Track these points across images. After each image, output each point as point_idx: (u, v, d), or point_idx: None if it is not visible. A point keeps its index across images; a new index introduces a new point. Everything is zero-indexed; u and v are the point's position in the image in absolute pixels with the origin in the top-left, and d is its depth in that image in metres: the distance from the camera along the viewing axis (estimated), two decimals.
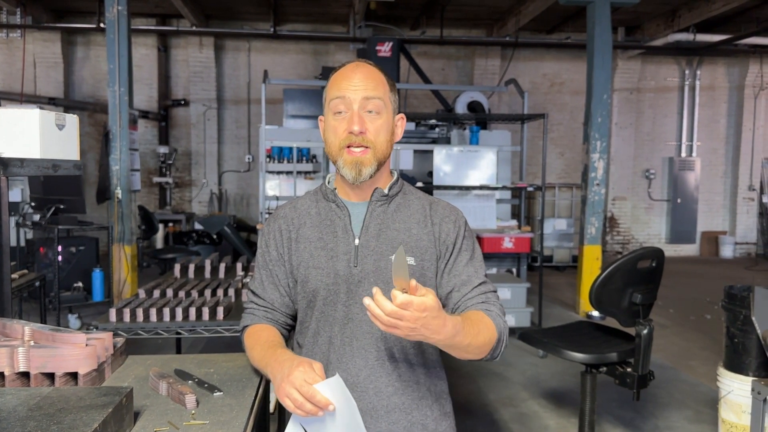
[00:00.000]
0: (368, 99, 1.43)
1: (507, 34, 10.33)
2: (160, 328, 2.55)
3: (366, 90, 1.43)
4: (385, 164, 1.51)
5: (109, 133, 6.32)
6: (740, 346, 3.04)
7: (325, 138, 1.50)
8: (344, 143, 1.44)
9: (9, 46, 10.18)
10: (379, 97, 1.45)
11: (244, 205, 11.04)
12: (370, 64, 1.50)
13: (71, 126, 1.77)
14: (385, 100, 1.46)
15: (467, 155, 6.63)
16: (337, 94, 1.44)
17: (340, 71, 1.49)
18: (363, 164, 1.43)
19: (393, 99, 1.50)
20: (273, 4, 9.46)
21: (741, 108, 11.81)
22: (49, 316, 5.25)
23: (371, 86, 1.44)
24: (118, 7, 6.25)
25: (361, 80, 1.44)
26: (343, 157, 1.44)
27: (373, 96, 1.44)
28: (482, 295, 1.45)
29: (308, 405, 1.21)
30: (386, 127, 1.47)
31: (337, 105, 1.44)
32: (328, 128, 1.47)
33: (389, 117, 1.48)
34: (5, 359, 1.41)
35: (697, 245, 11.99)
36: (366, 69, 1.47)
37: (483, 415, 4.00)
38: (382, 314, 1.09)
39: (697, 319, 6.72)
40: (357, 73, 1.45)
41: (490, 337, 1.35)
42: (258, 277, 1.59)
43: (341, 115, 1.44)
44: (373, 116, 1.44)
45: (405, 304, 1.08)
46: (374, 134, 1.44)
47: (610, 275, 2.81)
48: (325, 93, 1.50)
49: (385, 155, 1.48)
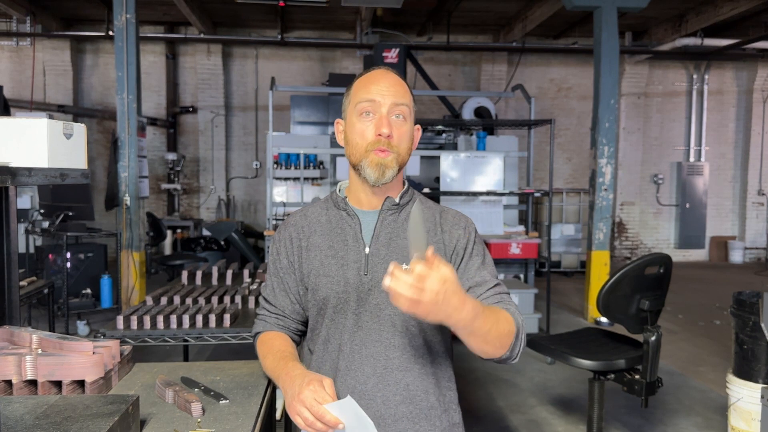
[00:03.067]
0: (397, 105, 1.45)
1: (514, 39, 10.33)
2: (167, 336, 2.55)
3: (396, 96, 1.45)
4: (401, 171, 1.52)
5: (118, 140, 6.36)
6: (749, 352, 3.02)
7: (347, 140, 1.50)
8: (372, 146, 1.44)
9: (19, 54, 10.28)
10: (407, 104, 1.47)
11: (252, 211, 11.07)
12: (396, 73, 1.53)
13: (79, 135, 1.79)
14: (411, 108, 1.50)
15: (474, 161, 6.63)
16: (367, 96, 1.45)
17: (367, 75, 1.50)
18: (387, 166, 1.44)
19: (414, 109, 1.53)
20: (280, 12, 9.50)
21: (749, 112, 11.75)
22: (57, 323, 5.28)
23: (400, 93, 1.47)
24: (127, 15, 6.29)
25: (391, 85, 1.46)
26: (369, 157, 1.44)
27: (402, 102, 1.46)
28: (497, 296, 1.45)
29: (318, 424, 1.23)
30: (409, 134, 1.49)
31: (365, 107, 1.45)
32: (353, 130, 1.47)
33: (411, 125, 1.51)
34: (13, 367, 1.42)
35: (706, 250, 11.92)
36: (394, 76, 1.50)
37: (492, 422, 3.98)
38: (404, 285, 1.08)
39: (706, 324, 6.68)
40: (387, 79, 1.48)
41: (509, 328, 1.34)
42: (269, 284, 1.61)
43: (368, 117, 1.45)
44: (400, 122, 1.46)
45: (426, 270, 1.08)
46: (399, 140, 1.46)
47: (617, 282, 2.80)
48: (349, 96, 1.51)
49: (405, 162, 1.50)
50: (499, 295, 1.45)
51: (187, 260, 7.26)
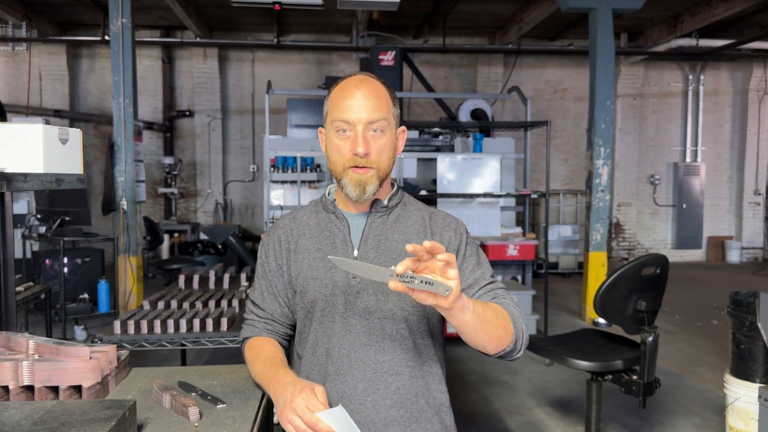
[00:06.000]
0: (372, 122, 1.41)
1: (509, 41, 10.35)
2: (164, 340, 2.55)
3: (371, 111, 1.41)
4: (387, 178, 1.50)
5: (114, 145, 6.36)
6: (747, 352, 3.02)
7: (327, 154, 1.49)
8: (349, 164, 1.42)
9: (15, 59, 10.26)
10: (384, 118, 1.43)
11: (249, 214, 11.07)
12: (372, 78, 1.47)
13: (74, 140, 1.79)
14: (389, 118, 1.45)
15: (471, 163, 6.63)
16: (341, 116, 1.41)
17: (341, 86, 1.46)
18: (367, 183, 1.42)
19: (395, 114, 1.48)
20: (276, 15, 9.51)
21: (745, 112, 11.79)
22: (54, 328, 5.27)
23: (375, 106, 1.42)
24: (123, 19, 6.30)
25: (366, 99, 1.41)
26: (348, 176, 1.43)
27: (377, 118, 1.42)
28: (491, 292, 1.44)
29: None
30: (389, 144, 1.46)
31: (340, 126, 1.42)
32: (332, 146, 1.45)
33: (392, 134, 1.47)
34: (9, 373, 1.42)
35: (703, 250, 11.94)
36: (369, 86, 1.44)
37: (489, 424, 3.98)
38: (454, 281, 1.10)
39: (703, 324, 6.69)
40: (360, 92, 1.42)
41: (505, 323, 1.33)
42: (258, 287, 1.60)
43: (345, 135, 1.42)
44: (377, 135, 1.43)
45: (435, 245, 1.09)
46: (378, 154, 1.43)
47: (614, 283, 2.81)
48: (327, 107, 1.48)
49: (387, 172, 1.48)
50: (493, 292, 1.44)
51: (185, 264, 7.25)
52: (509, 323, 1.35)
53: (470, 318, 1.21)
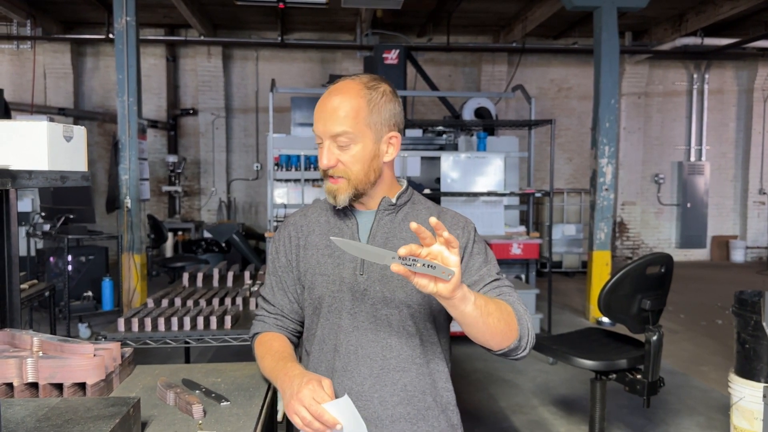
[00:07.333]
0: (335, 136, 1.42)
1: (513, 40, 10.33)
2: (168, 338, 2.56)
3: (334, 126, 1.41)
4: (378, 182, 1.49)
5: (119, 143, 6.36)
6: (751, 351, 3.01)
7: None
8: (324, 174, 1.47)
9: (20, 57, 10.29)
10: (346, 131, 1.41)
11: (253, 213, 11.08)
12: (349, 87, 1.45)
13: (79, 137, 1.79)
14: (357, 130, 1.42)
15: (475, 161, 6.62)
16: (314, 129, 1.46)
17: (321, 98, 1.48)
18: (338, 192, 1.45)
19: (374, 122, 1.44)
20: (280, 14, 9.51)
21: (750, 111, 11.75)
22: (59, 326, 5.28)
23: (339, 120, 1.41)
24: (127, 17, 6.30)
25: (331, 113, 1.42)
26: (325, 185, 1.48)
27: (340, 132, 1.41)
28: (496, 289, 1.44)
29: (316, 423, 1.23)
30: (362, 155, 1.44)
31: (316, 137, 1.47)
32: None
33: (367, 144, 1.44)
34: (14, 370, 1.42)
35: (707, 250, 11.91)
36: (338, 98, 1.43)
37: (493, 423, 3.98)
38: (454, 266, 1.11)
39: (708, 324, 6.67)
40: (328, 104, 1.43)
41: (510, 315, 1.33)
42: (268, 283, 1.62)
43: (321, 145, 1.46)
44: (344, 148, 1.43)
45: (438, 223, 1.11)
46: (348, 164, 1.44)
47: (618, 282, 2.80)
48: None
49: (365, 182, 1.46)
50: (498, 289, 1.44)
51: (188, 262, 7.27)
52: (513, 319, 1.34)
53: (471, 310, 1.21)
